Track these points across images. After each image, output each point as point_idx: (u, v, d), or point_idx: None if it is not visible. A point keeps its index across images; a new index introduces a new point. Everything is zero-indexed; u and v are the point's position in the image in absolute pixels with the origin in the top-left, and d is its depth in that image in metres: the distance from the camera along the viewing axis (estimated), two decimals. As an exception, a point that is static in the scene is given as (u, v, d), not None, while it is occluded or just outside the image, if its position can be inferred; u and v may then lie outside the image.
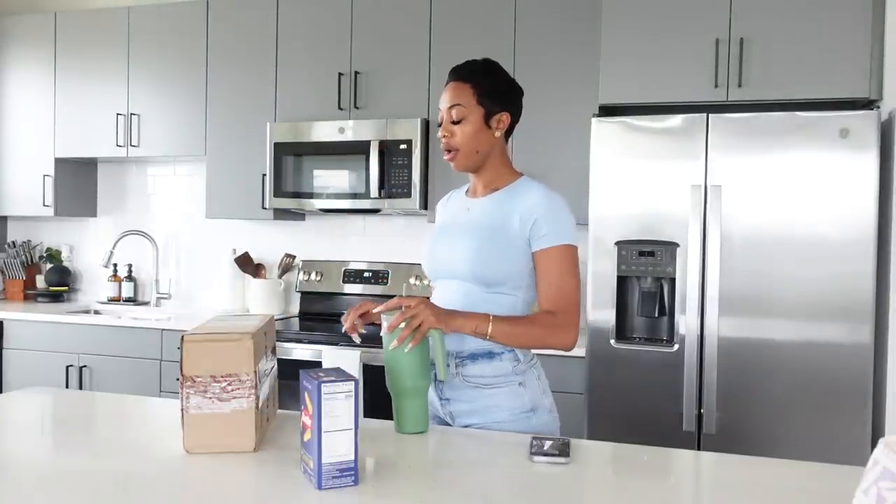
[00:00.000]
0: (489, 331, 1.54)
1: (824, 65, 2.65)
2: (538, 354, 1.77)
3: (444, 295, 1.70)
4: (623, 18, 2.84)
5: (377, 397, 3.12)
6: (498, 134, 1.70)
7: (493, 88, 1.69)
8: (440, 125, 1.71)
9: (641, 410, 2.69)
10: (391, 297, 3.63)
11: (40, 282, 4.26)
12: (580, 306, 1.64)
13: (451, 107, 1.68)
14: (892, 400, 2.49)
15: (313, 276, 3.77)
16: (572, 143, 3.15)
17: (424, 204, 3.31)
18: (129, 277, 4.15)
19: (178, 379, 1.49)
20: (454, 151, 1.68)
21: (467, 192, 1.82)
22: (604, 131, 2.73)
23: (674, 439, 2.63)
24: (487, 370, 1.65)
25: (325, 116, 3.48)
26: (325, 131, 3.42)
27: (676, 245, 2.64)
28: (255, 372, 1.37)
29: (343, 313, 3.95)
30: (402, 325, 1.47)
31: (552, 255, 1.63)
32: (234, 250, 3.94)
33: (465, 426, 1.66)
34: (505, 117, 1.71)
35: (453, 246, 1.70)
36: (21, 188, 4.03)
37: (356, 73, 3.45)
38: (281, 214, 3.68)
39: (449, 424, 1.69)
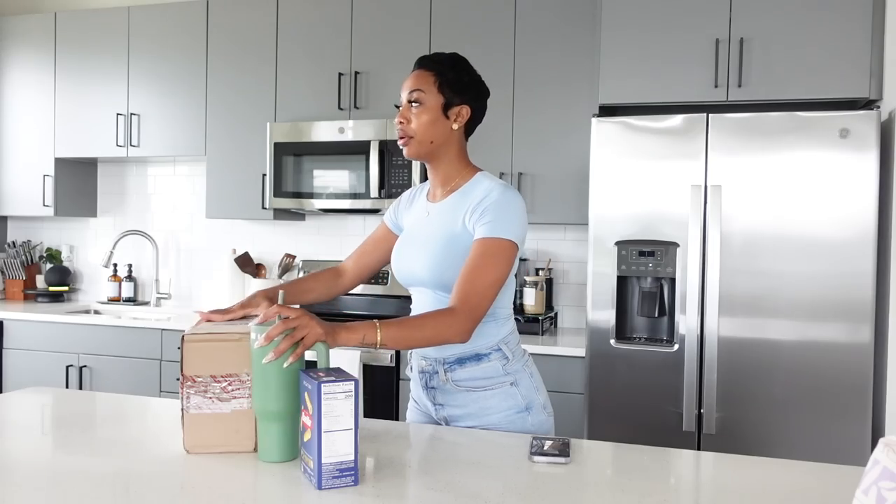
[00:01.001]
0: (378, 338, 1.42)
1: (824, 65, 2.65)
2: (531, 354, 1.77)
3: (418, 303, 1.69)
4: (623, 18, 2.84)
5: (377, 397, 3.13)
6: (455, 126, 1.65)
7: (455, 79, 1.64)
8: (397, 107, 1.69)
9: (641, 410, 2.69)
10: (391, 297, 3.63)
11: (40, 282, 4.27)
12: (491, 301, 1.53)
13: (411, 91, 1.63)
14: (892, 400, 2.49)
15: (313, 276, 3.76)
16: (572, 143, 3.15)
17: (424, 204, 3.31)
18: (129, 277, 4.15)
19: (178, 379, 1.47)
20: (407, 137, 1.63)
21: (428, 193, 1.76)
22: (604, 131, 2.73)
23: (674, 439, 2.63)
24: (477, 372, 1.63)
25: (325, 116, 3.48)
26: (324, 131, 3.42)
27: (676, 245, 2.64)
28: None
29: (343, 313, 3.95)
30: (279, 337, 1.29)
31: (481, 245, 1.54)
32: (234, 250, 3.94)
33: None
34: (465, 111, 1.65)
35: (415, 256, 1.66)
36: (21, 188, 4.04)
37: (356, 73, 3.45)
38: (281, 214, 3.68)
39: None
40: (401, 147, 1.66)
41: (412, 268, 1.67)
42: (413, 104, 1.62)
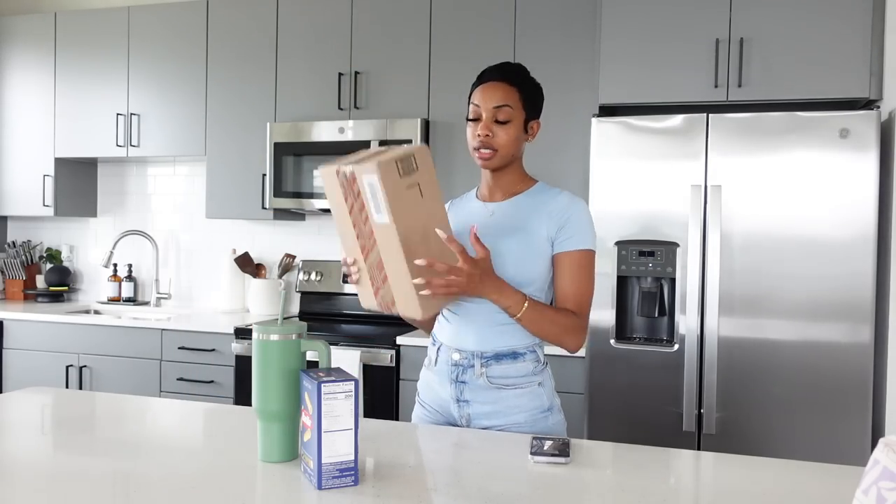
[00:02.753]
0: (520, 313, 1.56)
1: (824, 65, 2.65)
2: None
3: (465, 300, 1.69)
4: (623, 18, 2.84)
5: (377, 397, 3.12)
6: (531, 140, 1.73)
7: (532, 95, 1.70)
8: (473, 120, 1.68)
9: (641, 410, 2.69)
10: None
11: (40, 282, 4.27)
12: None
13: (500, 107, 1.65)
14: (892, 400, 2.49)
15: (313, 276, 3.77)
16: (572, 144, 3.15)
17: (424, 204, 3.31)
18: (129, 277, 4.15)
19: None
20: (492, 150, 1.66)
21: (479, 196, 1.79)
22: (604, 131, 2.73)
23: (674, 439, 2.63)
24: (511, 371, 1.65)
25: (325, 116, 3.48)
26: (325, 131, 3.42)
27: (676, 245, 2.64)
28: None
29: (343, 313, 3.94)
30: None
31: (576, 257, 1.64)
32: (234, 250, 3.94)
33: (484, 428, 1.65)
34: (536, 126, 1.73)
35: (494, 248, 1.65)
36: (21, 188, 4.04)
37: (356, 73, 3.45)
38: (281, 214, 3.68)
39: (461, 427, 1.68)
40: (480, 158, 1.67)
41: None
42: (499, 121, 1.65)
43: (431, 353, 1.77)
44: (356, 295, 3.71)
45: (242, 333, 3.31)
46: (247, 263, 3.87)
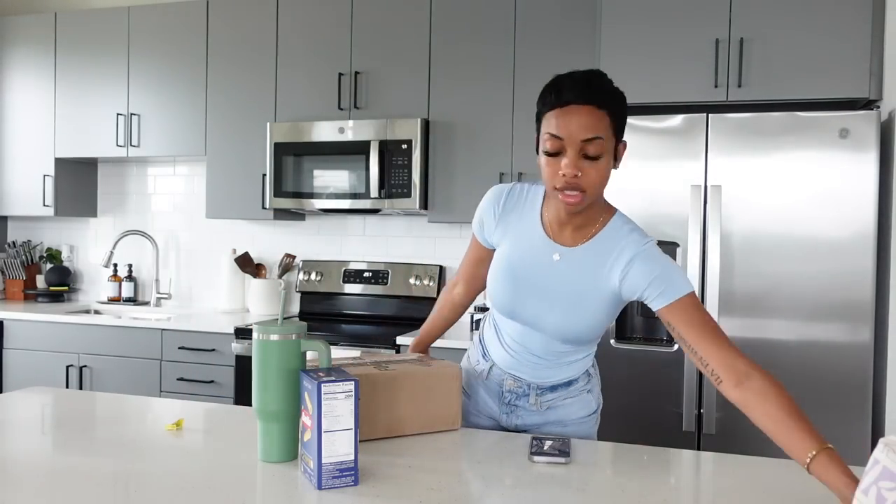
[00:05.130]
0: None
1: (824, 65, 2.65)
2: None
3: (525, 340, 1.60)
4: (623, 18, 2.84)
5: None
6: (618, 167, 1.43)
7: (623, 115, 1.39)
8: (553, 154, 1.36)
9: (641, 410, 2.69)
10: (391, 297, 3.63)
11: (40, 282, 4.27)
12: None
13: (590, 140, 1.33)
14: (892, 400, 2.49)
15: (313, 276, 3.77)
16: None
17: (424, 204, 3.32)
18: (130, 277, 4.15)
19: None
20: (580, 192, 1.36)
21: (543, 220, 1.52)
22: (604, 131, 2.72)
23: (674, 439, 2.63)
24: (564, 393, 1.65)
25: (325, 116, 3.48)
26: (325, 131, 3.42)
27: (676, 245, 2.64)
28: None
29: (343, 313, 3.94)
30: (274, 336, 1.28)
31: (684, 307, 1.37)
32: (234, 250, 3.94)
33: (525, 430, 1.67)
34: (623, 148, 1.42)
35: (543, 304, 1.52)
36: (21, 188, 4.04)
37: (356, 73, 3.45)
38: (281, 214, 3.68)
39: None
40: (567, 202, 1.38)
41: (536, 318, 1.54)
42: (589, 156, 1.35)
43: (481, 366, 1.70)
44: (356, 295, 3.71)
45: (242, 333, 3.31)
46: (247, 263, 3.87)
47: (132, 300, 4.14)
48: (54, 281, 4.18)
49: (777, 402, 1.22)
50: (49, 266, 4.27)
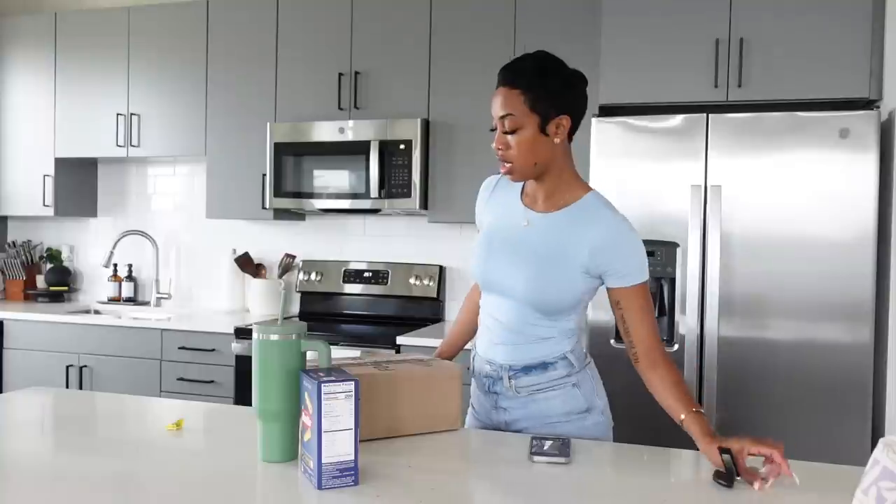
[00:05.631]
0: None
1: (824, 65, 2.65)
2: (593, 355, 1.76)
3: (499, 312, 1.63)
4: (623, 18, 2.84)
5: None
6: (557, 140, 1.54)
7: (546, 91, 1.50)
8: (493, 130, 1.57)
9: (641, 410, 2.68)
10: (391, 297, 3.63)
11: (40, 282, 4.26)
12: None
13: (503, 117, 1.51)
14: (892, 400, 2.49)
15: (313, 276, 3.77)
16: (572, 143, 3.14)
17: (424, 204, 3.32)
18: (130, 277, 4.15)
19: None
20: (509, 164, 1.54)
21: (523, 193, 1.65)
22: (604, 131, 2.73)
23: (674, 439, 2.63)
24: (542, 378, 1.61)
25: (325, 116, 3.48)
26: (325, 131, 3.42)
27: (676, 245, 2.64)
28: None
29: (343, 313, 3.94)
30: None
31: (638, 293, 1.54)
32: (234, 250, 3.94)
33: (519, 431, 1.65)
34: (564, 121, 1.54)
35: (511, 268, 1.58)
36: (21, 188, 4.04)
37: (356, 73, 3.45)
38: (281, 214, 3.68)
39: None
40: (501, 171, 1.57)
41: (505, 280, 1.59)
42: (507, 129, 1.52)
43: (472, 362, 1.73)
44: (356, 295, 3.71)
45: (242, 333, 3.31)
46: (247, 263, 3.87)
47: (132, 300, 4.14)
48: (54, 281, 4.18)
49: (670, 380, 1.51)
50: (49, 266, 4.27)
